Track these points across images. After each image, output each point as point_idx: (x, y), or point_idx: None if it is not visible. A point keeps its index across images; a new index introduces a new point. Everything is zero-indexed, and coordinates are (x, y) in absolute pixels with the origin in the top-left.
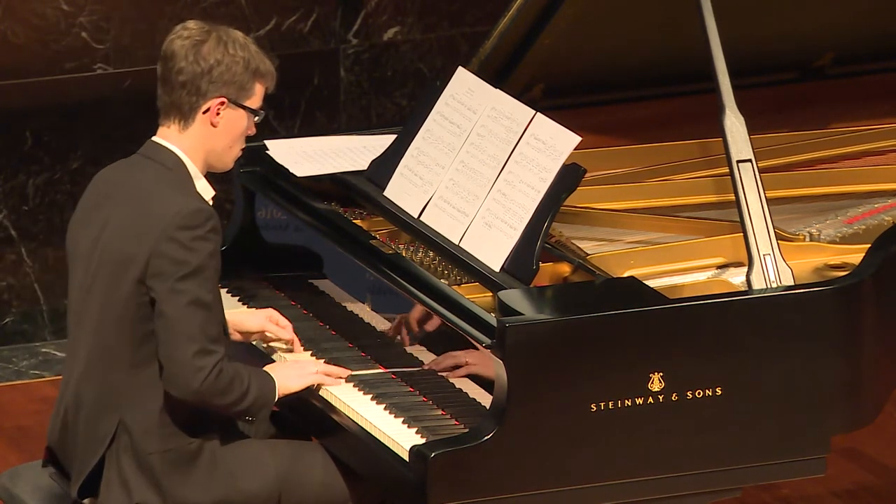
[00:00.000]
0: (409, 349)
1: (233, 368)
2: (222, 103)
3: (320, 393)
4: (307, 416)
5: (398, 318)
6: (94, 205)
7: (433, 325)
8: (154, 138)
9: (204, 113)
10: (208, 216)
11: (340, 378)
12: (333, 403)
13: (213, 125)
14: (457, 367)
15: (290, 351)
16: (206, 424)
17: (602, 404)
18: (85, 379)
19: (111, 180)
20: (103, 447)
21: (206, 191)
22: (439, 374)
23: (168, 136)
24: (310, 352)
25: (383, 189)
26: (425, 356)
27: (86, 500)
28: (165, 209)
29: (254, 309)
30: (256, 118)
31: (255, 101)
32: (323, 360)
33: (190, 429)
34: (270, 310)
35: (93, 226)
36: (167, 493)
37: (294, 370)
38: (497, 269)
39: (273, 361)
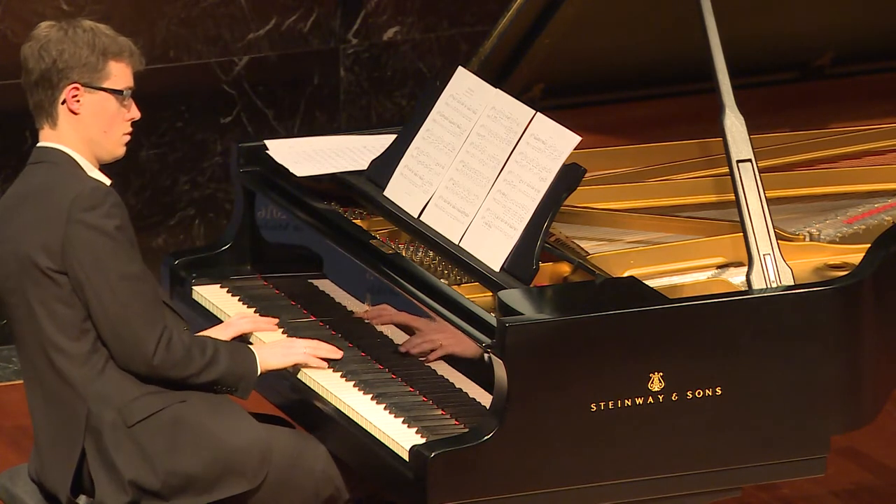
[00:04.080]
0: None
1: (190, 339)
2: (76, 89)
3: (321, 393)
4: (307, 415)
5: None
6: (1, 227)
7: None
8: (38, 144)
9: (62, 104)
10: (106, 192)
11: (328, 357)
12: (334, 403)
13: (75, 113)
14: (431, 350)
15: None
16: (179, 386)
17: (602, 404)
18: (42, 386)
19: (12, 196)
20: (79, 440)
21: (102, 181)
22: (413, 355)
23: (47, 137)
24: (281, 329)
25: (383, 189)
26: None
27: (81, 498)
28: (63, 196)
29: (220, 326)
30: (124, 98)
31: (115, 82)
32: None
33: (164, 392)
34: (236, 324)
35: (5, 245)
36: (157, 464)
37: (280, 347)
38: (497, 268)
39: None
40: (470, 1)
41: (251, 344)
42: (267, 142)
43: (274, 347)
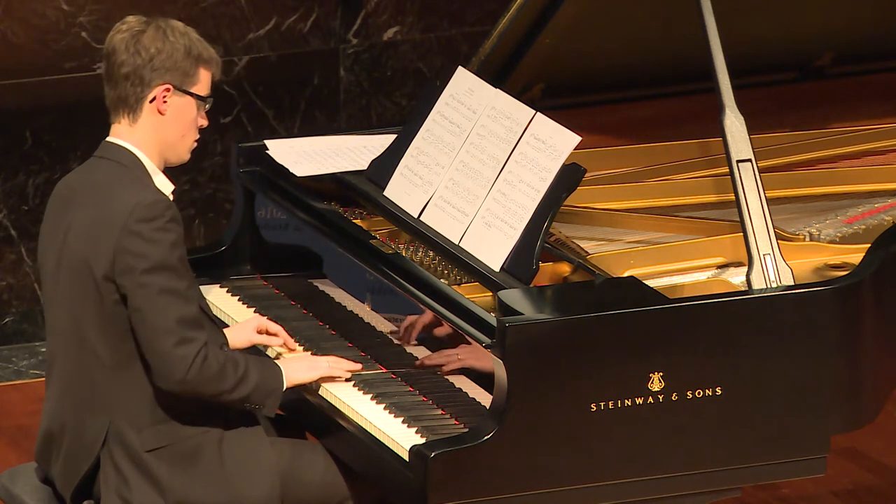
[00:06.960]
0: (409, 349)
1: (224, 356)
2: (168, 90)
3: (320, 392)
4: (307, 415)
5: (405, 322)
6: (55, 214)
7: (438, 329)
8: (108, 138)
9: (150, 102)
10: (166, 206)
11: (351, 371)
12: (333, 403)
13: (161, 113)
14: (449, 362)
15: (291, 351)
16: (203, 418)
17: (602, 404)
18: (67, 386)
19: (70, 186)
20: (95, 451)
21: (165, 185)
22: (433, 370)
23: (120, 134)
24: (310, 351)
25: (383, 189)
26: (424, 354)
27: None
28: (123, 204)
29: (238, 323)
30: (206, 105)
31: (201, 88)
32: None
33: (186, 423)
34: (255, 319)
35: (56, 234)
36: (167, 495)
37: (305, 362)
38: (497, 268)
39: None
40: (470, 1)
41: (276, 358)
42: (267, 142)
43: (299, 362)
